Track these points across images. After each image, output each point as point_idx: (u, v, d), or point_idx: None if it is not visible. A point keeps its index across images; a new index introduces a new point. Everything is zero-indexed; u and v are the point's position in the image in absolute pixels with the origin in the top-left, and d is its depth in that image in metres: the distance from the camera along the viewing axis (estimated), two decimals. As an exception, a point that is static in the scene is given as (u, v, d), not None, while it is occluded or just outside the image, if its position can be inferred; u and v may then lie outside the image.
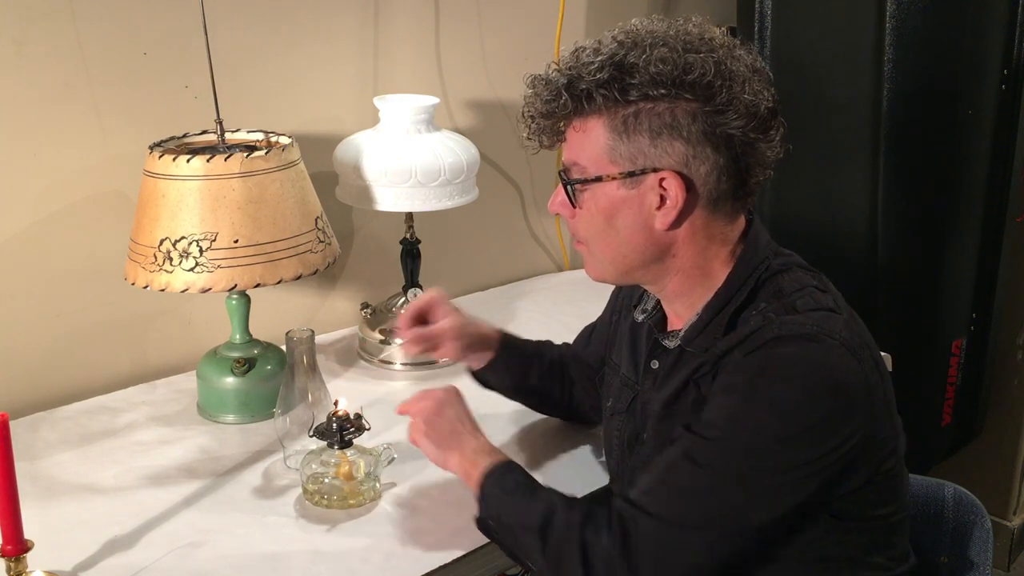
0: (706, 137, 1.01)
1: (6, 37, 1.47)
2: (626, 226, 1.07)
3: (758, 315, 1.05)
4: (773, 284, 1.08)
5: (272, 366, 1.55)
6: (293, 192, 1.47)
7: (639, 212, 1.06)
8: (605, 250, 1.10)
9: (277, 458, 1.42)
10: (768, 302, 1.06)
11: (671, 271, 1.10)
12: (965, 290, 2.09)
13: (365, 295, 1.93)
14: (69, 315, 1.62)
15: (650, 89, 1.00)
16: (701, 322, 1.09)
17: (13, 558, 1.08)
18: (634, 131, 1.02)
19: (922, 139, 1.91)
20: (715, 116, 1.01)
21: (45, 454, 1.43)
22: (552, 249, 2.31)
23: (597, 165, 1.05)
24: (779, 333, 1.00)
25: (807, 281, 1.08)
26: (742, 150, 1.03)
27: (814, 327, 1.00)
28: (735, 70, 1.02)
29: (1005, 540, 2.53)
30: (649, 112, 1.01)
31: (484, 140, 1.91)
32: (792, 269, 1.10)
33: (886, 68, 1.86)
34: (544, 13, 2.09)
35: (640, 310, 1.22)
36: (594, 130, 1.04)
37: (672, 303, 1.15)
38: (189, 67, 1.61)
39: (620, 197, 1.06)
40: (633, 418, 1.20)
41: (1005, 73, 1.95)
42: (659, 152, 1.02)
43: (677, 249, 1.08)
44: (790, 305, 1.04)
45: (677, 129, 1.01)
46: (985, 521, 1.26)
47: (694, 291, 1.11)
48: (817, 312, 1.03)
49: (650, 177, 1.03)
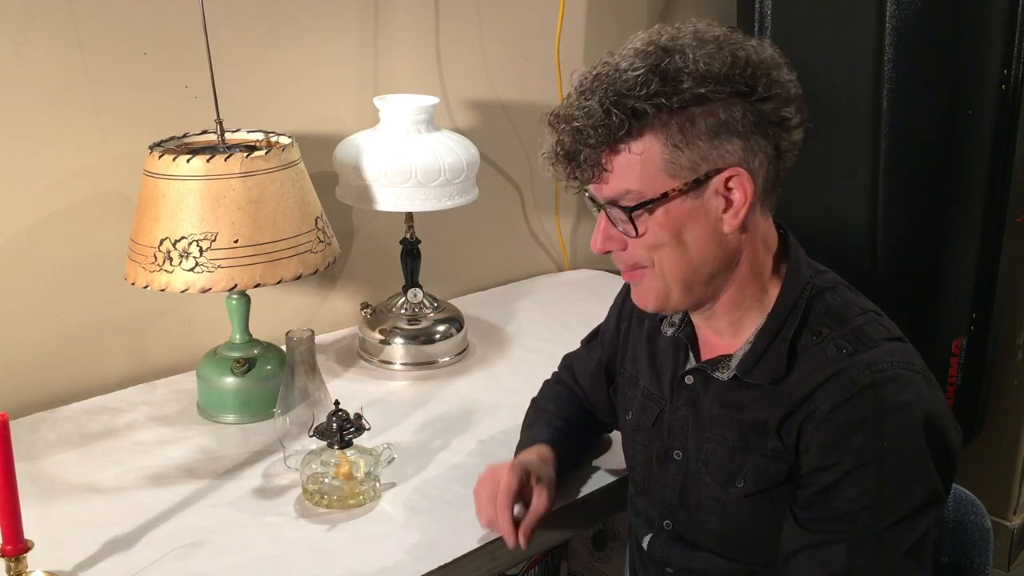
0: (756, 127, 1.00)
1: (6, 37, 1.47)
2: (696, 239, 1.03)
3: (823, 343, 1.03)
4: (822, 304, 1.06)
5: (272, 366, 1.55)
6: (293, 192, 1.47)
7: (707, 220, 1.02)
8: (674, 270, 1.05)
9: (277, 458, 1.42)
10: (829, 327, 1.04)
11: (730, 283, 1.07)
12: (965, 290, 2.08)
13: (365, 295, 1.93)
14: (69, 315, 1.62)
15: (700, 89, 0.97)
16: (757, 350, 1.07)
17: (13, 558, 1.08)
18: (691, 137, 0.98)
19: (922, 139, 1.91)
20: (760, 104, 0.99)
21: (45, 454, 1.43)
22: (552, 249, 2.31)
23: (656, 184, 1.00)
24: (873, 378, 0.99)
25: (861, 303, 1.07)
26: (780, 135, 1.03)
27: (900, 363, 1.00)
28: (765, 57, 1.01)
29: (1005, 540, 2.53)
30: (703, 114, 0.98)
31: (484, 140, 1.91)
32: (837, 288, 1.08)
33: (886, 68, 1.86)
34: (544, 13, 2.09)
35: (668, 323, 1.18)
36: (649, 149, 0.99)
37: (717, 319, 1.11)
38: (189, 67, 1.61)
39: (685, 210, 1.01)
40: (660, 434, 1.17)
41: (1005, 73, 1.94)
42: (720, 152, 0.99)
43: (740, 255, 1.06)
44: (861, 334, 1.03)
45: (732, 125, 0.99)
46: (985, 521, 1.26)
47: (743, 304, 1.08)
48: (892, 343, 1.03)
49: (714, 180, 1.00)
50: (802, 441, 1.03)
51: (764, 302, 1.08)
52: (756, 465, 1.07)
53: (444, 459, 1.43)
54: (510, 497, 1.17)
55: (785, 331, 1.05)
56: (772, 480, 1.06)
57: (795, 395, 1.03)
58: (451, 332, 1.78)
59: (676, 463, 1.16)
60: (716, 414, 1.11)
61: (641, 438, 1.21)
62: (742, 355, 1.08)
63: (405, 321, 1.76)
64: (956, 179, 1.97)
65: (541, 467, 1.23)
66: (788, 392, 1.04)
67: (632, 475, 1.27)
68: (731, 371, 1.09)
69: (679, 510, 1.16)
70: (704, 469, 1.12)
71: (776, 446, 1.05)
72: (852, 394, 0.99)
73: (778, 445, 1.05)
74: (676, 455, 1.16)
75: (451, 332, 1.78)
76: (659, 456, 1.18)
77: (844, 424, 0.99)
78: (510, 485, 1.17)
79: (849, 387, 0.99)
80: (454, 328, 1.79)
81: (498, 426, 1.51)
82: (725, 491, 1.09)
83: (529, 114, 2.13)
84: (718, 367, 1.10)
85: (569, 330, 1.43)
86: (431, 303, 1.80)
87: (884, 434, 0.97)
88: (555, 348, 1.45)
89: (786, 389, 1.04)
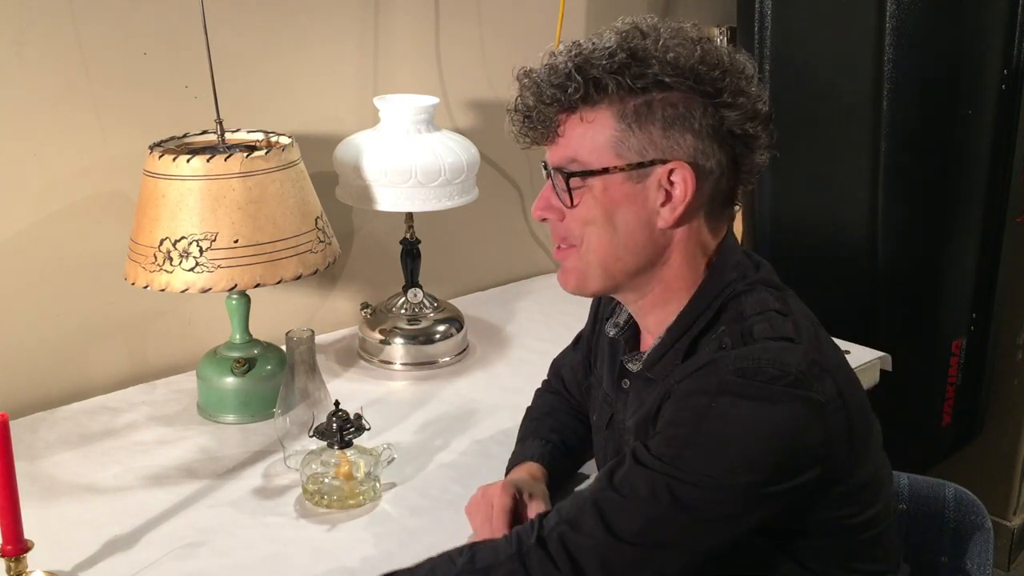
0: (714, 131, 0.99)
1: (6, 38, 1.47)
2: (626, 223, 1.02)
3: (715, 340, 1.01)
4: (736, 305, 1.03)
5: (272, 366, 1.55)
6: (293, 192, 1.47)
7: (642, 208, 1.02)
8: (599, 251, 1.04)
9: (277, 458, 1.42)
10: (728, 325, 1.01)
11: (655, 281, 1.06)
12: (965, 290, 2.08)
13: (365, 295, 1.93)
14: (69, 315, 1.62)
15: (665, 76, 0.97)
16: (663, 346, 1.06)
17: (13, 558, 1.07)
18: (646, 121, 0.98)
19: (922, 139, 1.91)
20: (723, 110, 0.99)
21: (45, 454, 1.43)
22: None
23: (600, 158, 1.01)
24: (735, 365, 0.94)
25: (768, 303, 1.02)
26: (740, 150, 1.02)
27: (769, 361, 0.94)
28: (738, 65, 1.01)
29: (1005, 540, 2.53)
30: (662, 102, 0.98)
31: (484, 140, 1.91)
32: (756, 289, 1.04)
33: (886, 68, 1.86)
34: (544, 13, 2.09)
35: (612, 323, 1.18)
36: (601, 120, 1.00)
37: (645, 317, 1.11)
38: (189, 67, 1.61)
39: (623, 192, 1.01)
40: (613, 435, 1.17)
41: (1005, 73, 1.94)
42: (670, 144, 0.99)
43: (670, 254, 1.05)
44: (747, 331, 0.99)
45: (689, 120, 0.98)
46: (986, 521, 1.26)
47: (669, 305, 1.07)
48: (774, 342, 0.97)
49: (658, 169, 1.00)
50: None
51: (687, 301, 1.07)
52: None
53: (444, 459, 1.43)
54: (506, 516, 1.14)
55: (693, 330, 1.04)
56: None
57: (669, 383, 1.01)
58: (451, 332, 1.78)
59: None
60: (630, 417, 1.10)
61: (599, 439, 1.21)
62: (650, 350, 1.08)
63: (405, 321, 1.76)
64: (956, 179, 1.98)
65: (533, 484, 1.21)
66: (668, 383, 1.01)
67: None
68: (639, 364, 1.09)
69: None
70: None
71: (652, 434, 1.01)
72: (700, 367, 0.97)
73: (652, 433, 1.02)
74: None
75: (451, 332, 1.78)
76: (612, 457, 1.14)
77: (684, 393, 0.97)
78: (504, 505, 1.14)
79: (705, 378, 0.96)
80: (454, 328, 1.79)
81: (498, 426, 1.51)
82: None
83: (529, 114, 2.13)
84: (632, 360, 1.11)
85: (569, 330, 1.43)
86: (431, 303, 1.80)
87: (705, 425, 0.93)
88: (555, 348, 1.45)
89: (670, 382, 1.01)
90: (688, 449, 0.94)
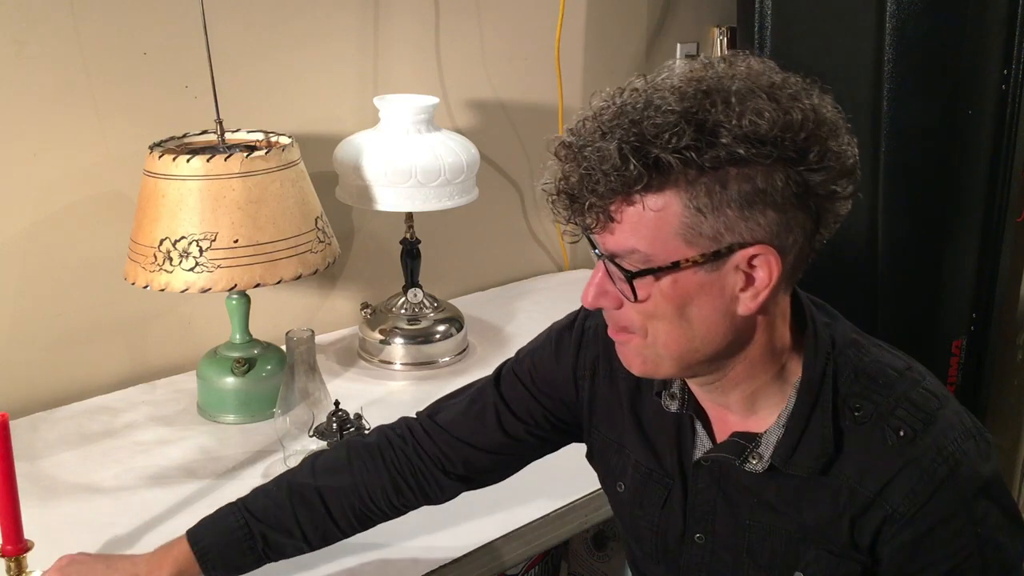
0: (798, 200, 0.84)
1: (7, 37, 1.47)
2: (702, 316, 0.87)
3: (871, 425, 0.91)
4: (849, 368, 0.93)
5: (272, 366, 1.55)
6: (293, 192, 1.47)
7: (719, 298, 0.86)
8: (670, 345, 0.89)
9: (277, 458, 1.42)
10: (872, 401, 0.91)
11: (739, 361, 0.92)
12: (965, 290, 2.08)
13: (365, 295, 1.93)
14: (69, 315, 1.62)
15: (740, 149, 0.80)
16: (792, 434, 0.93)
17: (13, 558, 1.07)
18: (719, 202, 0.82)
19: (922, 139, 1.91)
20: (807, 174, 0.83)
21: (45, 454, 1.43)
22: (552, 249, 2.31)
23: (668, 250, 0.84)
24: (948, 467, 0.89)
25: (888, 360, 0.95)
26: (823, 209, 0.87)
27: (961, 435, 0.91)
28: (825, 119, 0.85)
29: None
30: (738, 178, 0.82)
31: (484, 140, 1.91)
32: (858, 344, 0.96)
33: (886, 68, 1.86)
34: (544, 13, 2.09)
35: (668, 395, 1.01)
36: (667, 207, 0.83)
37: (722, 395, 0.96)
38: (189, 67, 1.61)
39: (696, 282, 0.85)
40: (673, 516, 1.03)
41: (1005, 73, 1.94)
42: (749, 225, 0.83)
43: (754, 334, 0.91)
44: (913, 409, 0.91)
45: (771, 195, 0.82)
46: (985, 521, 1.26)
47: (755, 379, 0.94)
48: (944, 411, 0.91)
49: (737, 255, 0.84)
50: (880, 543, 0.91)
51: (783, 376, 0.95)
52: (821, 561, 0.94)
53: (444, 459, 1.43)
54: None
55: (821, 407, 0.92)
56: (846, 574, 0.94)
57: (860, 492, 0.91)
58: (451, 332, 1.78)
59: (698, 546, 1.02)
60: (757, 501, 0.97)
61: (647, 515, 1.06)
62: (775, 441, 0.93)
63: (405, 321, 1.76)
64: (956, 179, 1.97)
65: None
66: (850, 487, 0.91)
67: (638, 544, 1.10)
68: (765, 461, 0.94)
69: None
70: (748, 559, 0.99)
71: (845, 545, 0.93)
72: (933, 491, 0.88)
73: (848, 545, 0.93)
74: (698, 538, 1.02)
75: (451, 332, 1.78)
76: (675, 537, 1.04)
77: (934, 524, 0.89)
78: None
79: (927, 483, 0.88)
80: (454, 328, 1.79)
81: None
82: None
83: (529, 114, 2.13)
84: (747, 456, 0.95)
85: (569, 330, 1.43)
86: (431, 303, 1.80)
87: (975, 519, 0.89)
88: (555, 348, 1.45)
89: (845, 482, 0.91)
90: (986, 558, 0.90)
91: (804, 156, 0.83)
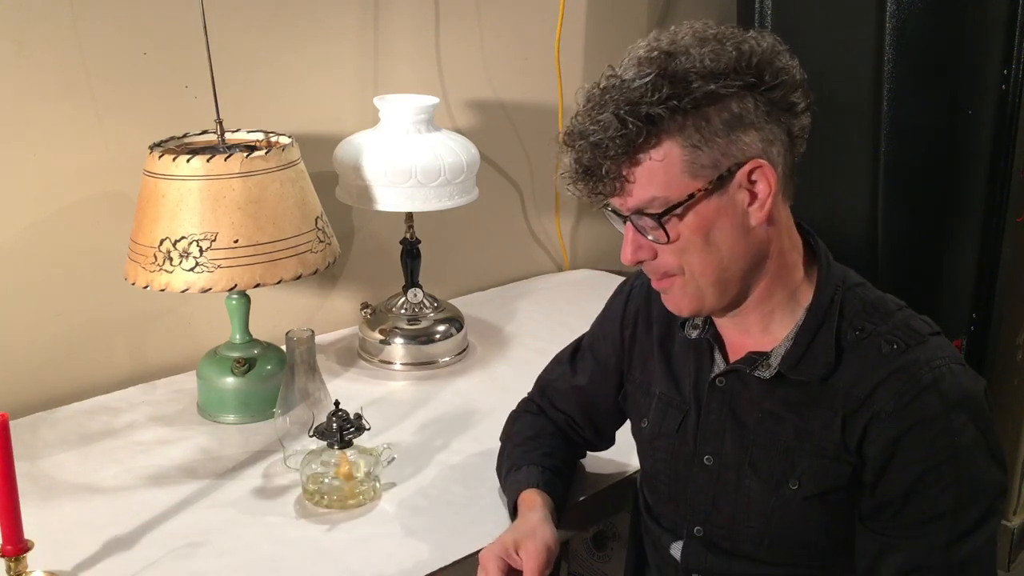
0: (769, 116, 1.00)
1: (6, 37, 1.47)
2: (725, 237, 1.02)
3: (869, 339, 1.04)
4: (856, 300, 1.07)
5: (272, 366, 1.55)
6: (293, 192, 1.47)
7: (735, 216, 1.02)
8: (706, 271, 1.04)
9: (277, 458, 1.42)
10: (871, 322, 1.05)
11: (761, 278, 1.06)
12: (965, 290, 2.08)
13: (365, 295, 1.93)
14: (69, 315, 1.62)
15: (710, 86, 0.97)
16: (800, 345, 1.06)
17: (13, 558, 1.08)
18: (708, 135, 0.98)
19: (922, 139, 1.91)
20: (769, 93, 1.00)
21: (45, 454, 1.43)
22: (552, 249, 2.31)
23: (680, 187, 0.99)
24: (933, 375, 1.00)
25: (891, 298, 1.09)
26: (790, 122, 1.03)
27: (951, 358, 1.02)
28: (767, 46, 1.01)
29: (1005, 540, 2.53)
30: (717, 110, 0.98)
31: (484, 140, 1.91)
32: (865, 284, 1.11)
33: (886, 68, 1.86)
34: (544, 13, 2.09)
35: (691, 326, 1.16)
36: (668, 153, 0.99)
37: (743, 316, 1.10)
38: (189, 67, 1.61)
39: (712, 208, 1.01)
40: (686, 439, 1.15)
41: (1005, 73, 1.94)
42: (739, 146, 0.99)
43: (770, 248, 1.05)
44: (908, 328, 1.04)
45: (746, 117, 0.99)
46: (985, 521, 1.26)
47: (772, 299, 1.08)
48: (937, 337, 1.05)
49: (738, 174, 1.00)
50: (867, 442, 1.02)
51: (796, 298, 1.08)
52: (814, 466, 1.05)
53: (444, 459, 1.43)
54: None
55: (828, 326, 1.05)
56: (833, 482, 1.04)
57: (854, 394, 1.03)
58: (451, 332, 1.78)
59: (707, 468, 1.13)
60: (762, 414, 1.09)
61: (663, 444, 1.18)
62: (784, 352, 1.07)
63: (405, 321, 1.76)
64: (956, 179, 1.97)
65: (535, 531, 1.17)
66: (845, 391, 1.03)
67: (652, 483, 1.22)
68: (773, 369, 1.07)
69: (713, 516, 1.13)
70: (750, 472, 1.09)
71: (837, 446, 1.04)
72: (917, 393, 1.00)
73: (840, 446, 1.04)
74: (707, 460, 1.13)
75: (451, 332, 1.78)
76: (686, 462, 1.15)
77: (914, 423, 1.00)
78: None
79: (912, 386, 1.00)
80: (454, 328, 1.79)
81: (498, 427, 1.50)
82: (776, 493, 1.07)
83: (529, 114, 2.13)
84: (757, 366, 1.08)
85: (569, 330, 1.43)
86: (431, 303, 1.80)
87: (953, 429, 0.99)
88: (555, 348, 1.44)
89: (841, 387, 1.03)
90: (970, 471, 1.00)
91: (761, 77, 0.99)
